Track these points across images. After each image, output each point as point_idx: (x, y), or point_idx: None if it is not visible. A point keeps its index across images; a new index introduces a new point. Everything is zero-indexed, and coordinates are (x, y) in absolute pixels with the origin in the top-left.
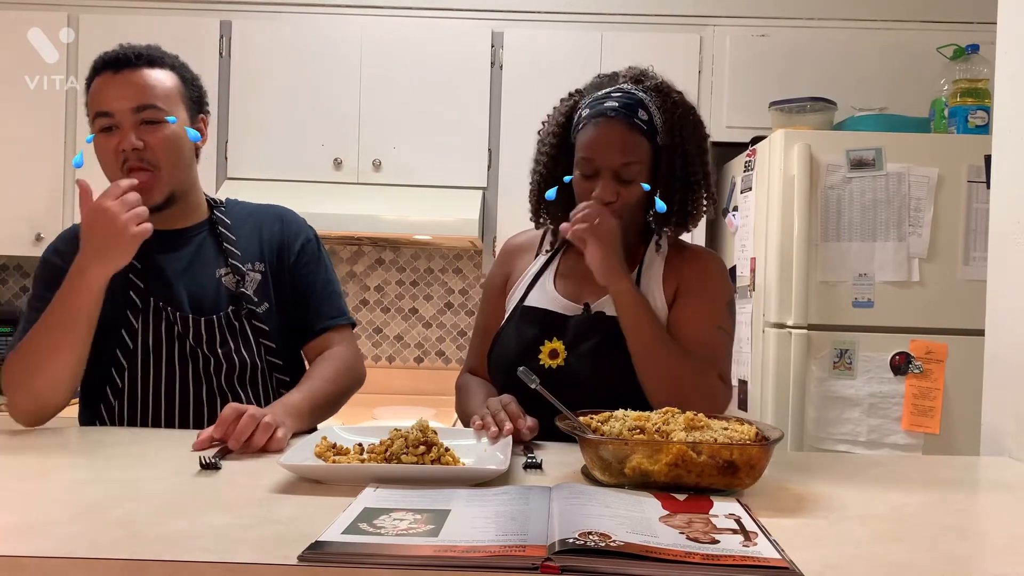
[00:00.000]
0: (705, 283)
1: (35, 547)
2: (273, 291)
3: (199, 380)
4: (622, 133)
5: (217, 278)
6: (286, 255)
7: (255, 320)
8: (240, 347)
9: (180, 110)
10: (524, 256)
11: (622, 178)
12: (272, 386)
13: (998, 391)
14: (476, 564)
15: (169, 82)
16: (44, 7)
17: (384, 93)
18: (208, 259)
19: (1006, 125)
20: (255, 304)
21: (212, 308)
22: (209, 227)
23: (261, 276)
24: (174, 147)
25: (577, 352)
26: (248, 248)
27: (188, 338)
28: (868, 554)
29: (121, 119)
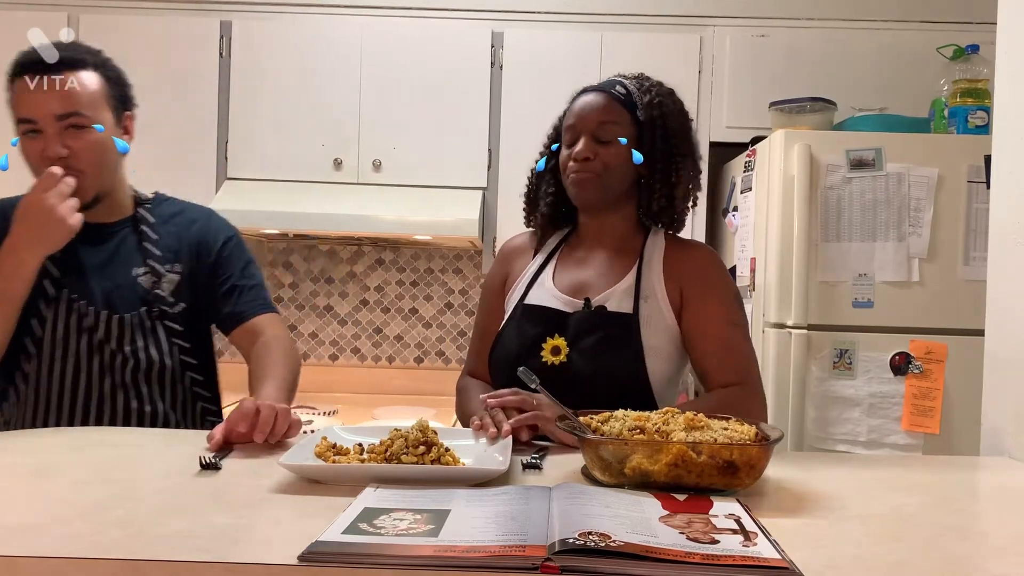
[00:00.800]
0: (708, 282)
1: (35, 547)
2: (191, 291)
3: (103, 374)
4: (599, 100)
5: (134, 277)
6: (206, 254)
7: (168, 320)
8: (150, 346)
9: (105, 113)
10: (522, 257)
11: (600, 139)
12: (184, 384)
13: (998, 391)
14: (476, 564)
15: (93, 85)
16: (44, 7)
17: (384, 93)
18: (127, 257)
19: (1006, 125)
20: (169, 305)
21: (125, 306)
22: (132, 224)
23: (179, 277)
24: (99, 153)
25: (579, 348)
26: (168, 248)
27: (97, 333)
28: (868, 554)
29: (45, 125)
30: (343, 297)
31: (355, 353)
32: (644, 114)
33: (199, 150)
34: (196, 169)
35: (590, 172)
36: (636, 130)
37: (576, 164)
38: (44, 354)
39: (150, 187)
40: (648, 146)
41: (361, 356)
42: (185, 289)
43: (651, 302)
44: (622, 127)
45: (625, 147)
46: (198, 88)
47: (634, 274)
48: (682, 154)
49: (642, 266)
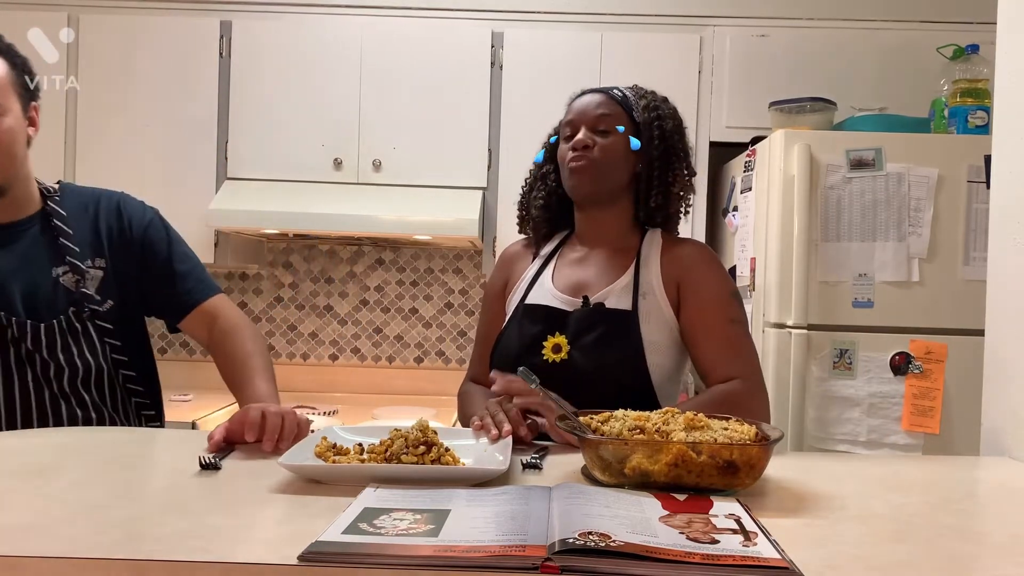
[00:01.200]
0: (705, 279)
1: (35, 547)
2: (117, 286)
3: (39, 385)
4: (598, 97)
5: (54, 277)
6: (130, 244)
7: (98, 320)
8: (84, 350)
9: (13, 102)
10: (521, 262)
11: (598, 129)
12: (119, 383)
13: (998, 391)
14: (476, 564)
15: (1, 72)
16: (44, 7)
17: (384, 93)
18: (43, 256)
19: (1006, 125)
20: (97, 304)
21: (49, 309)
22: (42, 220)
23: (103, 272)
24: (8, 143)
25: (580, 345)
26: (85, 242)
27: (24, 343)
28: (868, 554)
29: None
30: (343, 297)
31: (355, 353)
32: (640, 116)
33: (199, 150)
34: (196, 169)
35: (588, 160)
36: (633, 129)
37: (575, 152)
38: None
39: (150, 187)
40: (645, 144)
41: (361, 356)
42: (111, 284)
43: (649, 298)
44: (619, 119)
45: (623, 137)
46: (198, 88)
47: (632, 271)
48: (677, 155)
49: (639, 263)
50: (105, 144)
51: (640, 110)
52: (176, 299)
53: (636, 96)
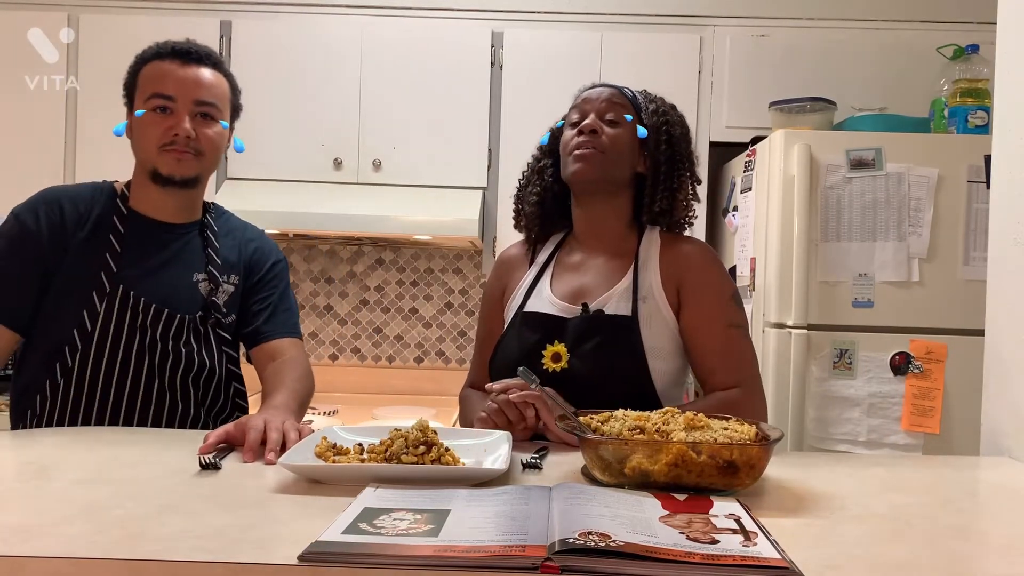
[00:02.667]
0: (705, 282)
1: (35, 547)
2: (240, 304)
3: (152, 376)
4: (609, 90)
5: (194, 281)
6: (255, 272)
7: (220, 329)
8: (203, 350)
9: (227, 115)
10: (518, 267)
11: (607, 118)
12: (229, 395)
13: (998, 391)
14: (476, 564)
15: (225, 87)
16: (44, 7)
17: (384, 93)
18: (190, 260)
19: (1006, 125)
20: (223, 315)
21: (182, 308)
22: (200, 229)
23: (234, 288)
24: (218, 145)
25: (579, 353)
26: (228, 258)
27: (151, 331)
28: (868, 554)
29: (181, 106)
30: (343, 297)
31: (355, 353)
32: (649, 119)
33: None
34: None
35: (595, 147)
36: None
37: (582, 137)
38: (91, 349)
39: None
40: (652, 148)
41: (361, 356)
42: (236, 301)
43: (650, 302)
44: (627, 112)
45: (631, 129)
46: None
47: (631, 275)
48: (683, 162)
49: (638, 266)
50: (105, 144)
51: (649, 113)
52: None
53: (645, 100)
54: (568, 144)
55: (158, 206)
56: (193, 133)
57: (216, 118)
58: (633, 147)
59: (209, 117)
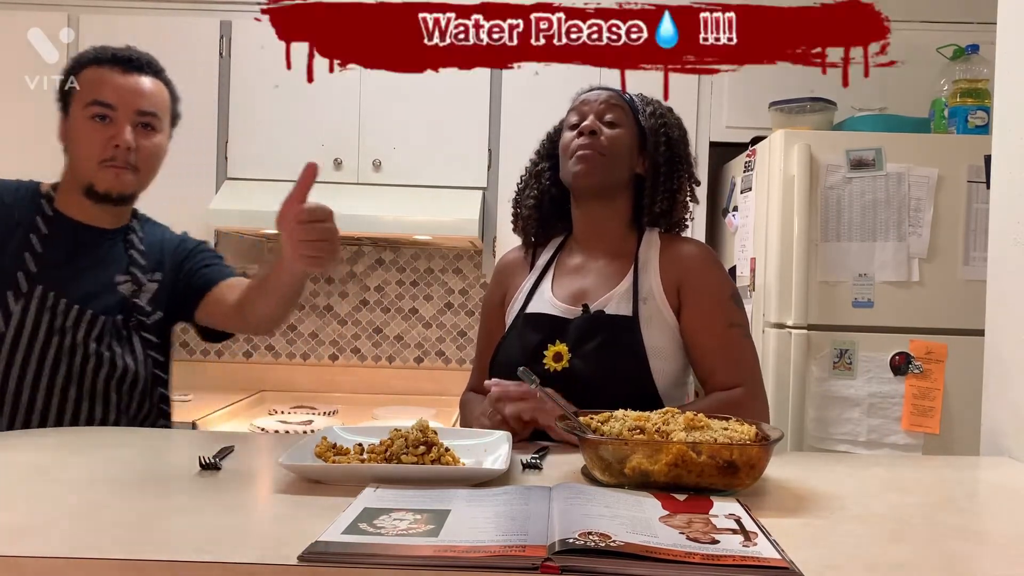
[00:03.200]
0: (705, 283)
1: (35, 547)
2: (167, 299)
3: (70, 381)
4: (607, 93)
5: (115, 283)
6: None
7: (144, 332)
8: (125, 353)
9: (166, 124)
10: (518, 271)
11: (606, 120)
12: (153, 400)
13: (998, 391)
14: (476, 564)
15: (166, 96)
16: (44, 7)
17: (384, 93)
18: (112, 263)
19: (1006, 125)
20: (146, 314)
21: (103, 310)
22: (124, 233)
23: (157, 285)
24: (157, 158)
25: (581, 353)
26: (151, 258)
27: (71, 333)
28: (868, 554)
29: (122, 116)
30: (343, 297)
31: (355, 353)
32: (646, 121)
33: (199, 150)
34: (196, 169)
35: (595, 149)
36: (638, 132)
37: (582, 139)
38: (3, 351)
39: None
40: (651, 150)
41: (361, 356)
42: (162, 297)
43: (650, 303)
44: (626, 116)
45: (629, 131)
46: (198, 88)
47: (631, 276)
48: (682, 162)
49: (638, 268)
50: None
51: (646, 116)
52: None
53: (643, 102)
54: (568, 146)
55: (86, 213)
56: (134, 144)
57: (157, 128)
58: (632, 149)
59: (150, 127)
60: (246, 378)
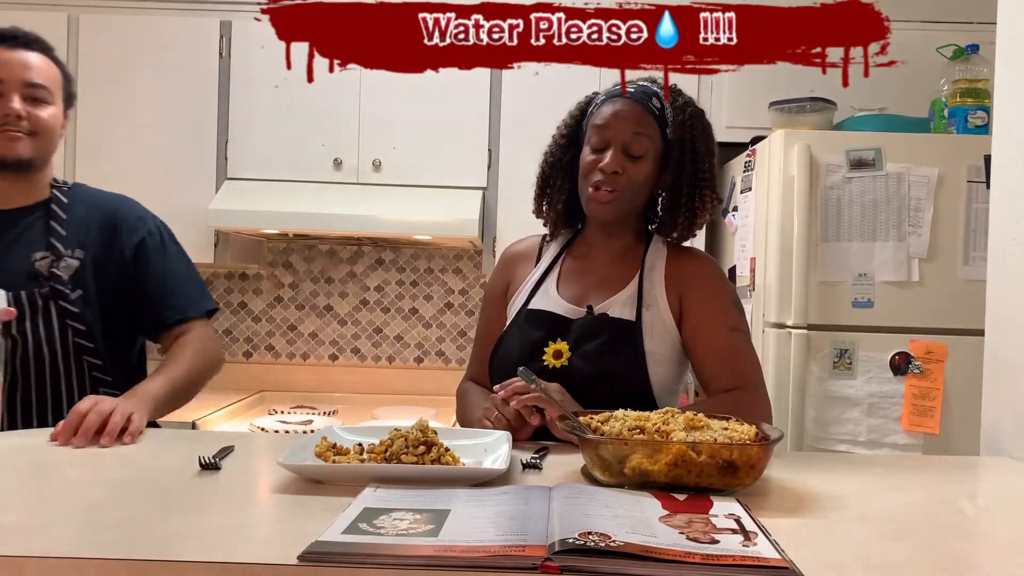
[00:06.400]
0: (709, 289)
1: (35, 547)
2: (94, 280)
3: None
4: (635, 110)
5: (32, 261)
6: (119, 248)
7: (62, 300)
8: (39, 326)
9: (58, 99)
10: (524, 264)
11: (631, 152)
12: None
13: (998, 391)
14: (476, 564)
15: (55, 72)
16: (44, 7)
17: (384, 93)
18: (28, 243)
19: (1006, 125)
20: (65, 287)
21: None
22: (43, 211)
23: (79, 263)
24: (52, 127)
25: (581, 352)
26: (74, 234)
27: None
28: (868, 554)
29: (10, 88)
30: (343, 297)
31: (355, 353)
32: (674, 132)
33: (199, 150)
34: (196, 169)
35: (612, 193)
36: (663, 146)
37: (603, 177)
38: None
39: (150, 187)
40: (675, 166)
41: (361, 356)
42: (87, 277)
43: (653, 310)
44: (652, 142)
45: (651, 164)
46: (198, 88)
47: (636, 282)
48: (706, 177)
49: (644, 275)
50: (105, 144)
51: (675, 126)
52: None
53: (673, 108)
54: (588, 171)
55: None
56: (24, 112)
57: (48, 101)
58: (654, 172)
59: (40, 101)
60: (246, 378)
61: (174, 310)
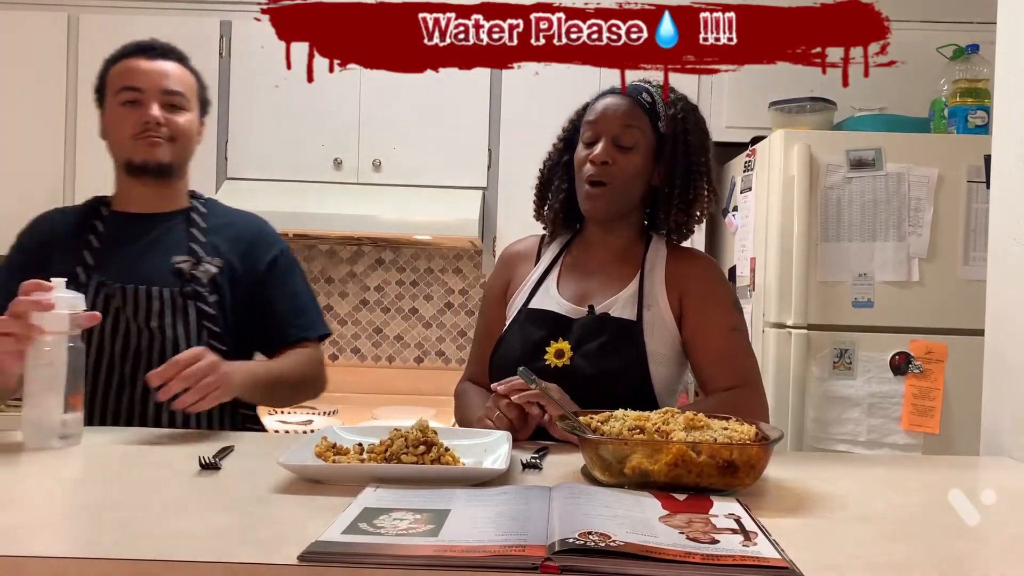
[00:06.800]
0: (709, 290)
1: (35, 547)
2: (228, 289)
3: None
4: (625, 104)
5: (172, 263)
6: (252, 264)
7: (200, 302)
8: (177, 323)
9: (194, 105)
10: (524, 263)
11: (621, 144)
12: None
13: (998, 391)
14: (476, 564)
15: (191, 79)
16: (44, 7)
17: (384, 93)
18: (169, 246)
19: (1006, 125)
20: (203, 287)
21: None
22: (183, 218)
23: (217, 270)
24: (189, 132)
25: (583, 352)
26: (212, 242)
27: (125, 312)
28: (868, 554)
29: (149, 97)
30: (343, 297)
31: (355, 353)
32: (666, 126)
33: (199, 150)
34: (196, 169)
35: (604, 183)
36: (656, 140)
37: (593, 167)
38: None
39: None
40: (668, 159)
41: (361, 356)
42: (223, 284)
43: (654, 310)
44: (643, 134)
45: (642, 156)
46: None
47: (637, 282)
48: (700, 171)
49: (644, 275)
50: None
51: (667, 120)
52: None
53: (665, 105)
54: (581, 166)
55: (137, 199)
56: (163, 119)
57: (184, 107)
58: (647, 165)
59: (178, 107)
60: None
61: (298, 328)
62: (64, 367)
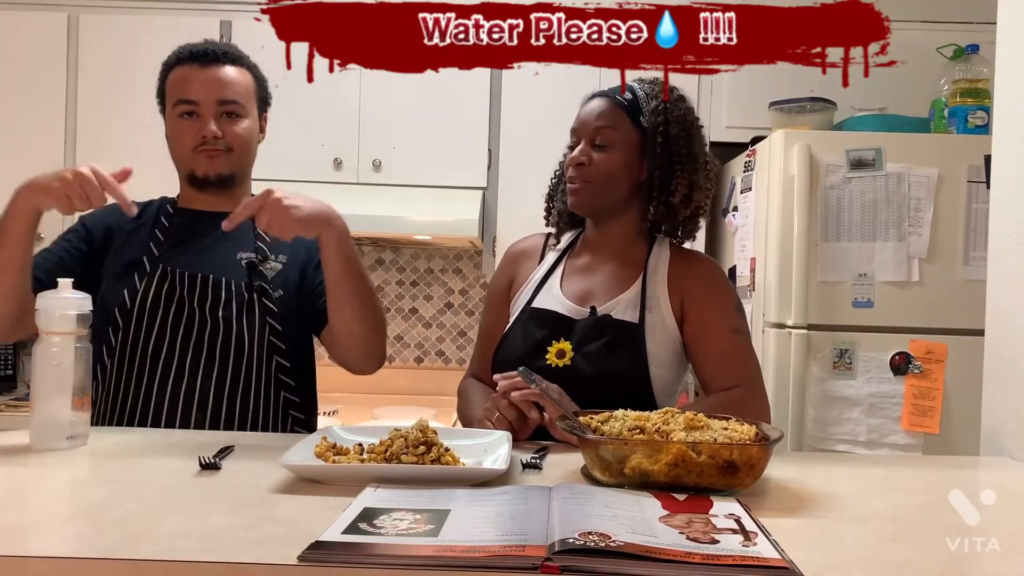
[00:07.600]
0: (711, 292)
1: (35, 547)
2: (293, 286)
3: (188, 345)
4: (600, 104)
5: (239, 258)
6: (309, 262)
7: (265, 298)
8: (242, 315)
9: (252, 108)
10: (528, 262)
11: (597, 143)
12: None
13: (998, 391)
14: (476, 564)
15: (248, 81)
16: (44, 7)
17: (384, 93)
18: (236, 240)
19: (1006, 125)
20: (268, 283)
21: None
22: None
23: (282, 267)
24: (247, 140)
25: (584, 352)
26: (276, 241)
27: (189, 302)
28: (868, 554)
29: (205, 109)
30: None
31: None
32: (648, 120)
33: None
34: None
35: (583, 181)
36: (639, 136)
37: (572, 169)
38: (131, 325)
39: (150, 187)
40: (649, 152)
41: None
42: (287, 282)
43: (656, 313)
44: (621, 133)
45: (622, 151)
46: None
47: (639, 284)
48: (681, 161)
49: (647, 277)
50: (105, 144)
51: (648, 113)
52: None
53: (648, 96)
54: (565, 171)
55: (207, 202)
56: (220, 133)
57: (241, 115)
58: (627, 165)
59: (234, 115)
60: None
61: None
62: (72, 368)
